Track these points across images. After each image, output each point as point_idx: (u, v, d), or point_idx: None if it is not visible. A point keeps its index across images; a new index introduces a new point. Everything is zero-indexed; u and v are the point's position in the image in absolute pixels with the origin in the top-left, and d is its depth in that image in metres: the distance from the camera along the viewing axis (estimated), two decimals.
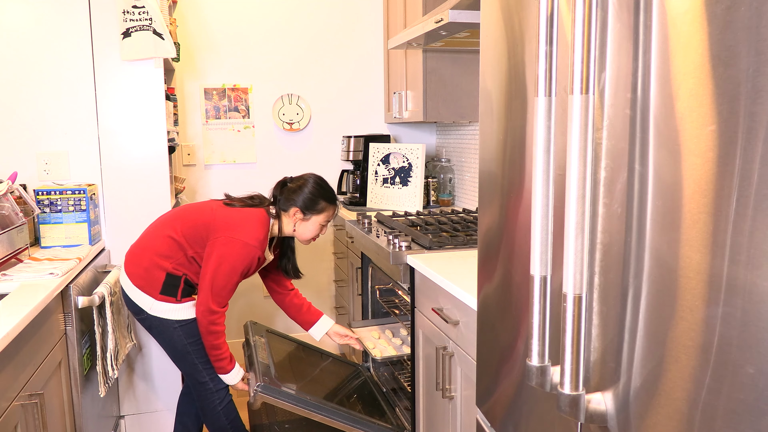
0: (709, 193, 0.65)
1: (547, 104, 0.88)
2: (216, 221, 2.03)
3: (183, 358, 2.08)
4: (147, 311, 2.04)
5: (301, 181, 2.12)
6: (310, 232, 2.13)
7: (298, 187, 2.10)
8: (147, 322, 2.07)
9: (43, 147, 2.39)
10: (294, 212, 2.10)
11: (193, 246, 2.04)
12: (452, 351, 1.73)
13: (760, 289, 0.59)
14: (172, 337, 2.05)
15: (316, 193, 2.10)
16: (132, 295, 2.06)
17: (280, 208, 2.12)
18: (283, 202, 2.11)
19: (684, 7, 0.67)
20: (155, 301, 2.03)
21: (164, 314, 2.04)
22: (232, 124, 3.37)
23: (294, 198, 2.10)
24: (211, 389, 2.11)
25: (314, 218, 2.11)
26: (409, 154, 3.16)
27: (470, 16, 2.02)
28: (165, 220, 2.10)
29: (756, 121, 0.59)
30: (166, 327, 2.05)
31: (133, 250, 2.10)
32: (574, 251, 0.80)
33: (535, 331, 0.92)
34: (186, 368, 2.10)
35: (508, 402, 1.15)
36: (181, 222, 2.06)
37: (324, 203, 2.11)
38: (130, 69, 2.42)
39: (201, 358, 2.08)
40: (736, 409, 0.63)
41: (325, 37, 3.44)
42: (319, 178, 2.14)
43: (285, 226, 2.13)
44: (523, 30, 1.04)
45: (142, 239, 2.10)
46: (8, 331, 1.36)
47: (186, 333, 2.06)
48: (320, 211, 2.11)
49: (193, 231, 2.04)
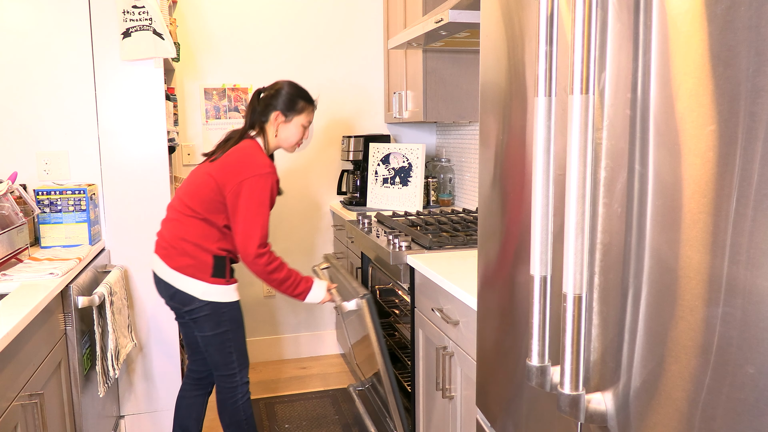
0: (709, 192, 0.65)
1: (547, 104, 0.88)
2: (219, 177, 2.01)
3: (222, 346, 2.09)
4: (199, 297, 2.03)
5: (276, 86, 2.15)
6: (294, 136, 2.15)
7: (275, 92, 2.13)
8: (195, 314, 2.06)
9: (43, 147, 2.39)
10: (275, 116, 2.12)
11: (217, 214, 2.04)
12: (452, 351, 1.73)
13: (760, 289, 0.59)
14: (218, 322, 2.06)
15: (293, 93, 2.13)
16: (182, 286, 2.03)
17: (260, 120, 2.13)
18: (261, 111, 2.13)
19: (684, 7, 0.67)
20: (208, 285, 2.03)
21: (216, 297, 2.05)
22: (232, 124, 3.37)
23: (273, 103, 2.12)
24: (238, 382, 2.13)
25: (296, 119, 2.13)
26: (409, 154, 3.16)
27: (470, 16, 2.02)
28: (179, 206, 2.09)
29: (756, 120, 0.59)
30: (215, 312, 2.05)
31: (167, 243, 2.07)
32: (574, 251, 0.80)
33: (535, 331, 0.92)
34: (221, 358, 2.11)
35: (508, 402, 1.15)
36: (190, 198, 2.05)
37: (303, 102, 2.14)
38: (130, 69, 2.42)
39: (238, 348, 2.11)
40: (736, 409, 0.63)
41: (325, 37, 3.44)
42: (291, 81, 2.17)
43: (270, 139, 2.15)
44: (523, 30, 1.04)
45: (169, 231, 2.08)
46: (8, 331, 1.36)
47: (231, 317, 2.08)
48: (300, 111, 2.13)
49: (208, 202, 2.03)
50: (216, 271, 2.04)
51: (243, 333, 2.13)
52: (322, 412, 2.89)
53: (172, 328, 2.55)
